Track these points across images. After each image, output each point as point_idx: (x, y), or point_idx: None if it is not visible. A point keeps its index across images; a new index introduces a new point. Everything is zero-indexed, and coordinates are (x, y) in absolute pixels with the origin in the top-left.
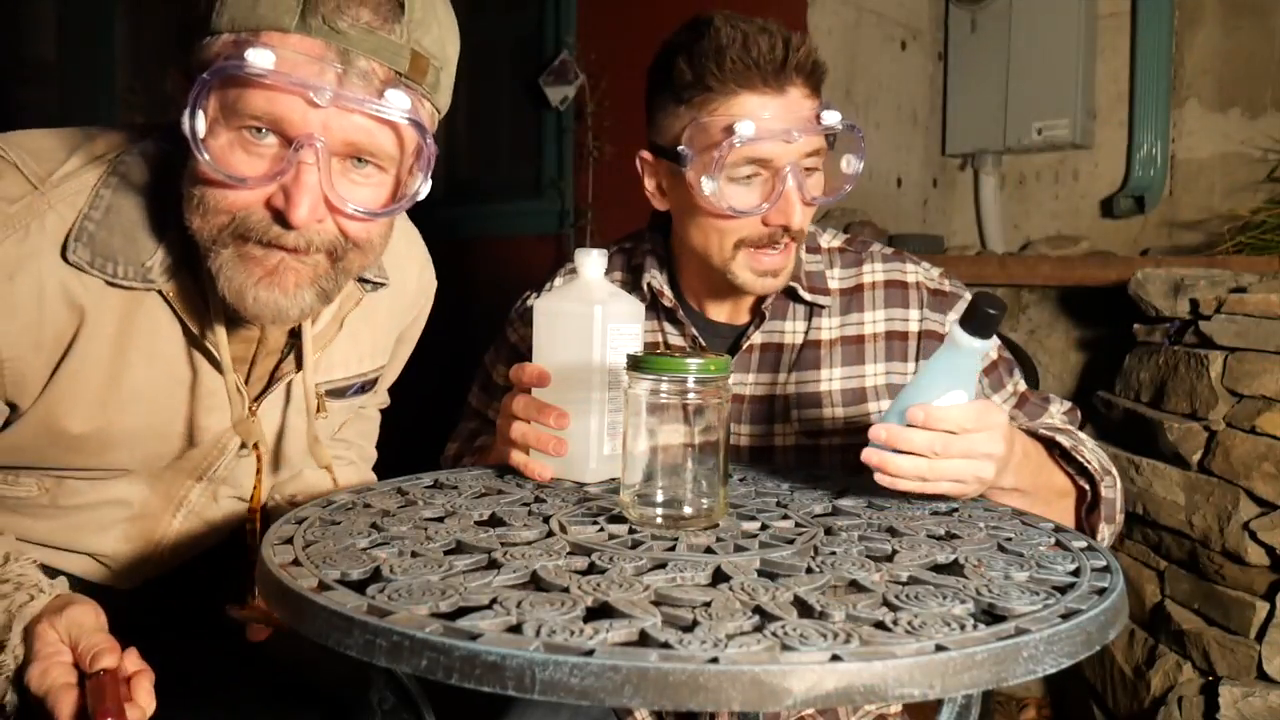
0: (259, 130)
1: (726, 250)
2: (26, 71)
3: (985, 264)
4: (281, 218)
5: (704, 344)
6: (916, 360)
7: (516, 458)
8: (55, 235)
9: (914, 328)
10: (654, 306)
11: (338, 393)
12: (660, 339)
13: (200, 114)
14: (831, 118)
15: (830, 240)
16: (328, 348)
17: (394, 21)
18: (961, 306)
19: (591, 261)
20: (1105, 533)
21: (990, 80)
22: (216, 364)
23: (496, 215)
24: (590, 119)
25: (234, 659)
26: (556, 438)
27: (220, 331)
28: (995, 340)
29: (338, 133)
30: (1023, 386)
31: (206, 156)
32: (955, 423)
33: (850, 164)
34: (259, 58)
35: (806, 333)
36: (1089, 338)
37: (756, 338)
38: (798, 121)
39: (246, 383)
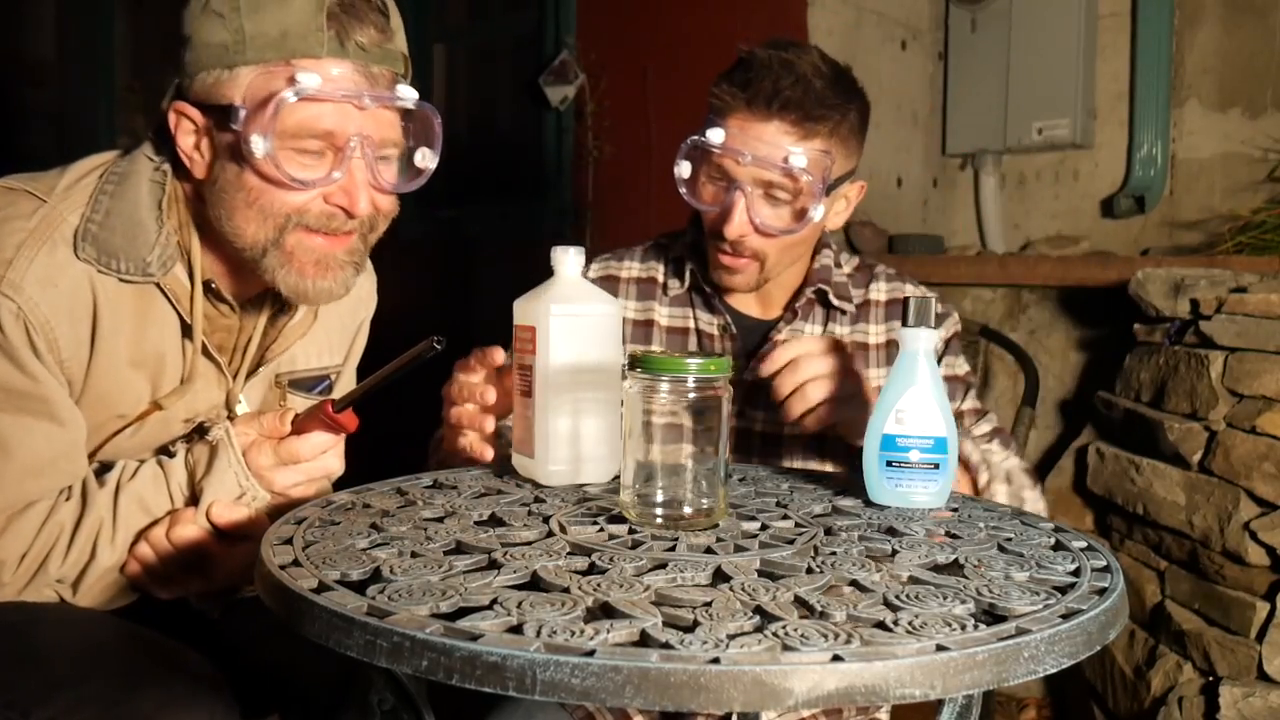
0: (312, 139)
1: (705, 235)
2: (26, 71)
3: (985, 264)
4: (343, 210)
5: (734, 331)
6: None
7: (460, 441)
8: (71, 241)
9: None
10: (690, 293)
11: (301, 384)
12: (692, 324)
13: (261, 137)
14: (798, 160)
15: (848, 262)
16: (303, 339)
17: (387, 34)
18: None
19: (569, 260)
20: None
21: (990, 80)
22: (206, 351)
23: (496, 215)
24: (590, 119)
25: (218, 659)
26: (482, 417)
27: (200, 320)
28: (932, 331)
29: (374, 131)
30: (965, 406)
31: (276, 168)
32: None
33: (811, 211)
34: (308, 80)
35: (821, 335)
36: (1089, 338)
37: (785, 333)
38: (755, 147)
39: (229, 366)
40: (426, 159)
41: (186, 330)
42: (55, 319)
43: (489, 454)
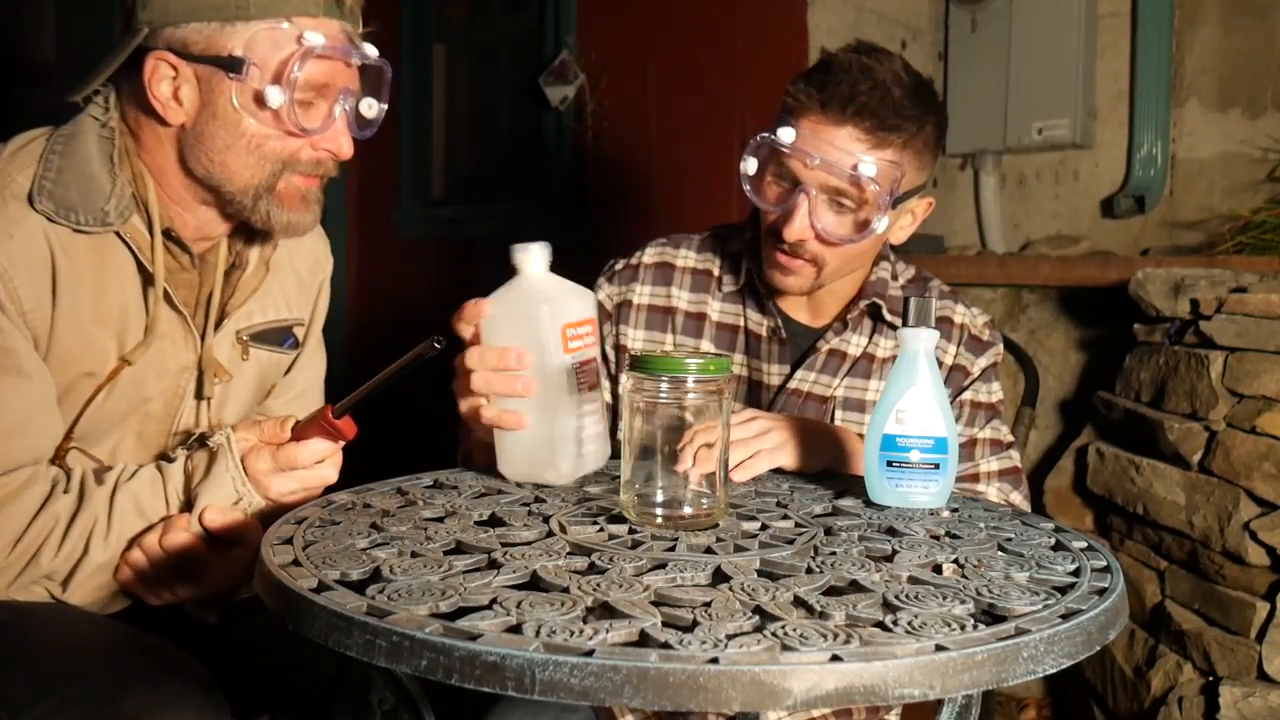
0: (309, 92)
1: (763, 235)
2: (26, 71)
3: (985, 264)
4: (330, 155)
5: (784, 336)
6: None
7: (487, 413)
8: (23, 196)
9: (949, 360)
10: (743, 292)
11: (265, 337)
12: (742, 323)
13: (277, 89)
14: (867, 169)
15: (903, 273)
16: (257, 292)
17: None
18: (992, 354)
19: (532, 258)
20: None
21: (990, 80)
22: (170, 302)
23: (496, 215)
24: (590, 119)
25: (212, 660)
26: (526, 377)
27: (161, 266)
28: (932, 332)
29: (351, 83)
30: (982, 435)
31: (296, 116)
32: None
33: (875, 222)
34: (314, 38)
35: (866, 347)
36: (1089, 338)
37: (835, 343)
38: (825, 150)
39: (194, 321)
40: (375, 108)
41: (148, 281)
42: (14, 270)
43: (525, 422)
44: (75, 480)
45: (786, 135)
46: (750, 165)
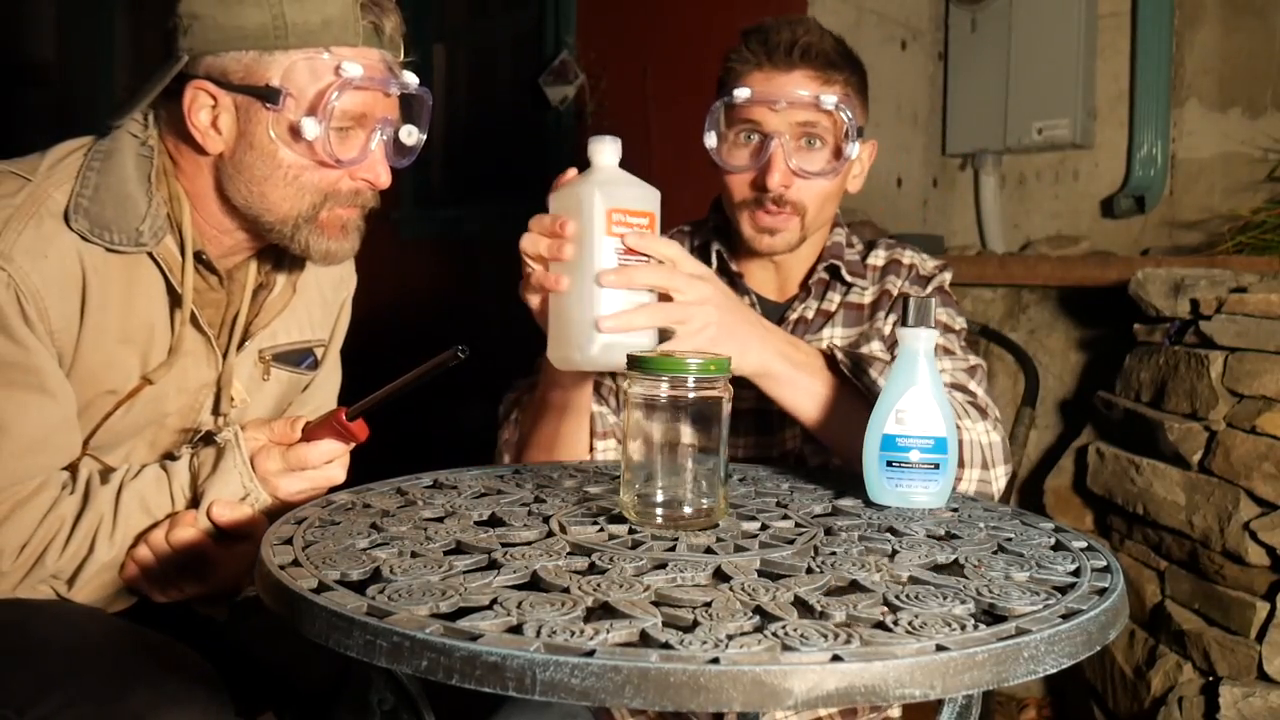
0: (347, 121)
1: (737, 204)
2: (26, 71)
3: (985, 264)
4: (368, 185)
5: (759, 313)
6: (891, 316)
7: (536, 276)
8: (59, 214)
9: (895, 291)
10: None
11: (287, 358)
12: None
13: (313, 120)
14: (828, 100)
15: (857, 242)
16: (283, 313)
17: (400, 22)
18: (938, 281)
19: (605, 149)
20: None
21: (990, 80)
22: (196, 324)
23: (496, 214)
24: (590, 119)
25: (216, 657)
26: (565, 241)
27: (191, 289)
28: (932, 331)
29: (390, 113)
30: (952, 348)
31: (331, 148)
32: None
33: (847, 149)
34: (352, 69)
35: (819, 305)
36: (1089, 338)
37: (800, 310)
38: (787, 93)
39: (218, 341)
40: (415, 136)
41: (175, 302)
42: (45, 289)
43: (564, 284)
44: (81, 480)
45: (743, 94)
46: (711, 139)
